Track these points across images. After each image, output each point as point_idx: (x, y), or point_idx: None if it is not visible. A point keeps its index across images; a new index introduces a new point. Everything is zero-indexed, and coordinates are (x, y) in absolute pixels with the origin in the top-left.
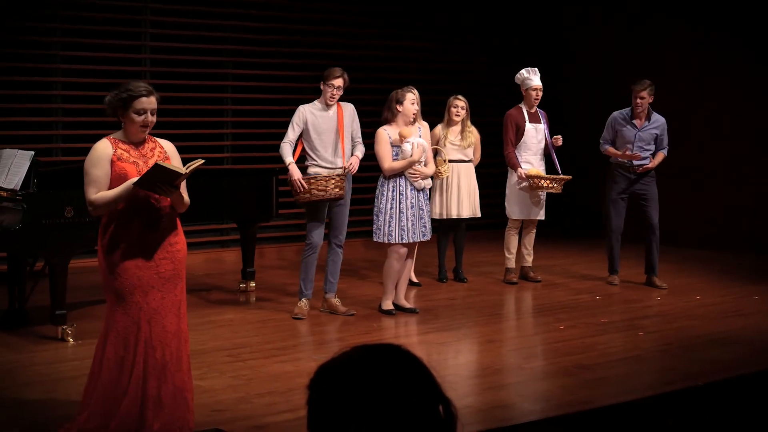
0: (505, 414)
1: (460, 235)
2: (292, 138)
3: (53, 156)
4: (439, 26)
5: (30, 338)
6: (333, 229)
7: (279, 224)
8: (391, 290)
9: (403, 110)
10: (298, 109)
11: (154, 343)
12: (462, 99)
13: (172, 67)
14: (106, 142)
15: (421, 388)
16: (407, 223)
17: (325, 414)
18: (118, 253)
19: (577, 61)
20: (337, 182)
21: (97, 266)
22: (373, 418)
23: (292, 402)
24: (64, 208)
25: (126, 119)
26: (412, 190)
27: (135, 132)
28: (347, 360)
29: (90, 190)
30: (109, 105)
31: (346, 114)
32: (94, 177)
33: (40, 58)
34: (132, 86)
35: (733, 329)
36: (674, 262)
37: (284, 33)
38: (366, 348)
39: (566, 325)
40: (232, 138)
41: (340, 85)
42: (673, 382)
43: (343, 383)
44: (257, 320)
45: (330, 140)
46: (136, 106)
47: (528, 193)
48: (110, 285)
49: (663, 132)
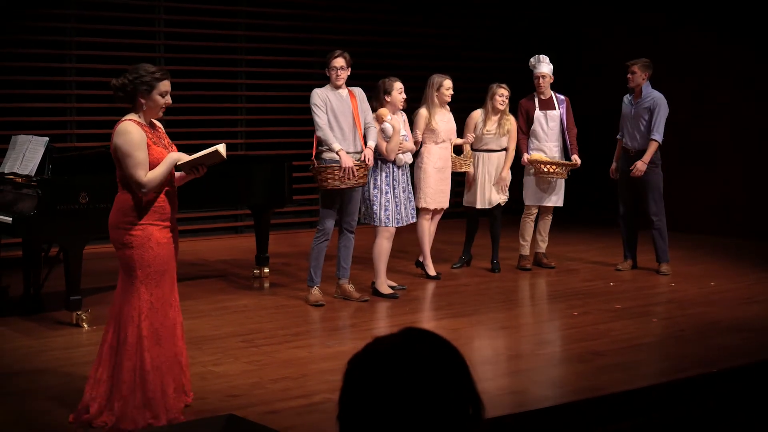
0: (519, 400)
1: (496, 224)
2: (325, 120)
3: (67, 142)
4: (460, 13)
5: (45, 324)
6: (345, 215)
7: (293, 210)
8: (383, 272)
9: (391, 100)
10: (315, 92)
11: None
12: (505, 87)
13: (186, 53)
14: (136, 125)
15: (455, 385)
16: (392, 207)
17: (357, 404)
18: (154, 229)
19: (597, 49)
20: (363, 171)
21: (113, 251)
22: (405, 411)
23: (306, 387)
24: (78, 194)
25: (149, 101)
26: (387, 176)
27: (155, 114)
28: (384, 349)
29: (140, 173)
30: (125, 88)
31: (358, 98)
32: (141, 159)
33: (55, 45)
34: (151, 69)
35: (747, 316)
36: (689, 249)
37: (298, 19)
38: (405, 336)
39: (580, 312)
40: (246, 124)
41: (342, 65)
42: (687, 368)
43: (377, 374)
44: (271, 306)
45: (348, 125)
46: (161, 88)
47: (537, 179)
48: (141, 260)
49: (655, 108)
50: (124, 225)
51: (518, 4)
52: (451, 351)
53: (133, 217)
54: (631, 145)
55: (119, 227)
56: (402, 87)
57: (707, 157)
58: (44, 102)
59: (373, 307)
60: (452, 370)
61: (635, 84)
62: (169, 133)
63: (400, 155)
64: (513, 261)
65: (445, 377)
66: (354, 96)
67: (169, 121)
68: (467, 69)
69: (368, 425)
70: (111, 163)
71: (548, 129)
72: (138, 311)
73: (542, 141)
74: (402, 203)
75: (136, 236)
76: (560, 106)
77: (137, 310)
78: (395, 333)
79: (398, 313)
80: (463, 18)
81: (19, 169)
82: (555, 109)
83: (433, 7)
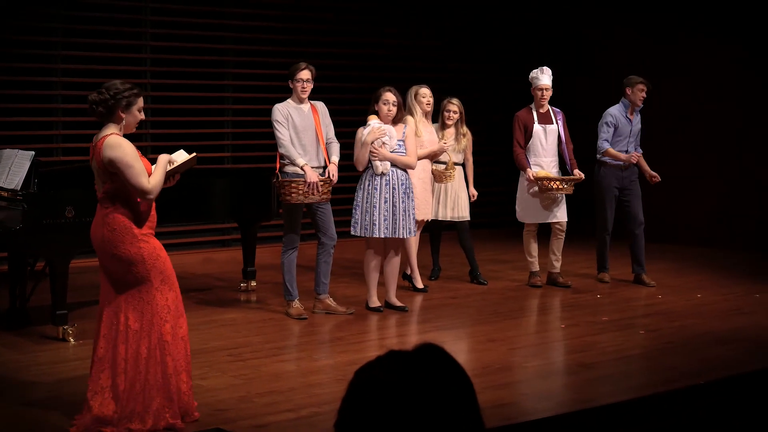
0: (508, 412)
1: (464, 236)
2: (288, 137)
3: (54, 156)
4: (447, 24)
5: (31, 338)
6: (324, 230)
7: (279, 223)
8: (372, 286)
9: (378, 109)
10: (276, 109)
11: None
12: (455, 103)
13: (172, 66)
14: (123, 138)
15: (460, 410)
16: (379, 217)
17: (359, 414)
18: (153, 238)
19: (592, 60)
20: (328, 186)
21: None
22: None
23: (294, 401)
24: (64, 208)
25: (129, 116)
26: (387, 184)
27: (131, 128)
28: (395, 364)
29: (143, 180)
30: (106, 102)
31: (320, 112)
32: (140, 169)
33: (41, 58)
34: (127, 85)
35: (735, 327)
36: (675, 261)
37: (285, 32)
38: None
39: (567, 324)
40: (232, 137)
41: (308, 78)
42: (675, 380)
43: (383, 387)
44: (258, 320)
45: (310, 139)
46: (140, 104)
47: (539, 196)
48: (153, 268)
49: (640, 121)
50: (129, 240)
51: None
52: (462, 376)
53: (134, 231)
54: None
55: (122, 243)
56: (392, 99)
57: (693, 169)
58: (30, 116)
59: (360, 320)
60: (459, 396)
61: (642, 102)
62: (155, 146)
63: (377, 163)
64: (501, 273)
65: (450, 401)
66: (316, 110)
67: (155, 134)
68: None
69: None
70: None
71: (547, 144)
72: (159, 317)
73: (540, 156)
74: (381, 215)
75: (144, 248)
76: (557, 120)
77: (158, 316)
78: (411, 349)
79: (385, 326)
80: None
81: (4, 183)
82: (553, 123)
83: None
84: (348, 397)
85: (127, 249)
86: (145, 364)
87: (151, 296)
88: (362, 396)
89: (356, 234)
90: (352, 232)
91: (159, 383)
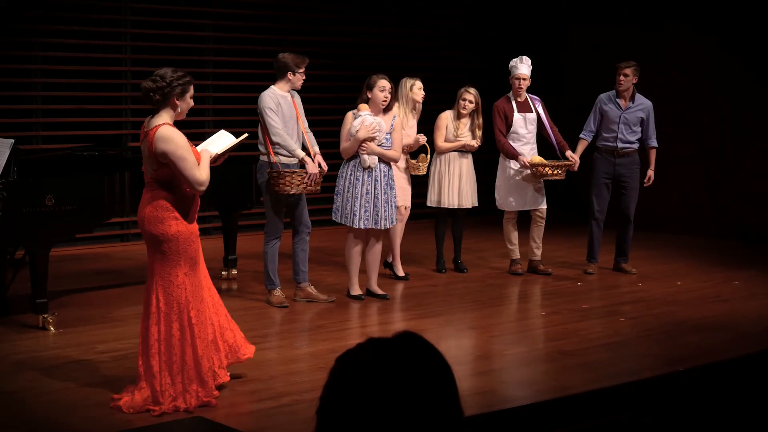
0: (488, 400)
1: (458, 225)
2: (281, 125)
3: (33, 144)
4: (434, 14)
5: (11, 327)
6: (300, 219)
7: (260, 212)
8: (354, 274)
9: (372, 96)
10: (267, 96)
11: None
12: (471, 92)
13: (152, 54)
14: (175, 129)
15: (439, 397)
16: (360, 209)
17: (340, 401)
18: (194, 224)
19: (573, 48)
20: (319, 177)
21: (78, 253)
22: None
23: (274, 389)
24: (44, 197)
25: (183, 102)
26: (369, 176)
27: (183, 115)
28: (375, 352)
29: (196, 173)
30: (162, 90)
31: (297, 102)
32: (193, 161)
33: (20, 46)
34: (180, 72)
35: (714, 315)
36: (655, 248)
37: (266, 20)
38: (399, 341)
39: (548, 311)
40: (212, 126)
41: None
42: (655, 367)
43: (364, 375)
44: (239, 308)
45: (294, 129)
46: (192, 91)
47: (530, 183)
48: (185, 252)
49: (648, 116)
50: (168, 222)
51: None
52: (442, 363)
53: (176, 214)
54: (617, 146)
55: (161, 223)
56: (388, 86)
57: (673, 156)
58: (9, 104)
59: (341, 308)
60: (439, 383)
61: (626, 87)
62: (134, 134)
63: (365, 157)
64: (486, 262)
65: (430, 388)
66: (294, 100)
67: (135, 122)
68: (439, 69)
69: (347, 423)
70: (77, 164)
71: (527, 132)
72: (186, 300)
73: (521, 144)
74: (362, 205)
75: (182, 232)
76: (536, 107)
77: (185, 299)
78: (391, 336)
79: (366, 314)
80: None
81: None
82: (532, 111)
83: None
84: (329, 384)
85: (165, 228)
86: (180, 345)
87: (180, 280)
88: (343, 383)
89: (337, 220)
90: (333, 218)
91: (192, 364)
